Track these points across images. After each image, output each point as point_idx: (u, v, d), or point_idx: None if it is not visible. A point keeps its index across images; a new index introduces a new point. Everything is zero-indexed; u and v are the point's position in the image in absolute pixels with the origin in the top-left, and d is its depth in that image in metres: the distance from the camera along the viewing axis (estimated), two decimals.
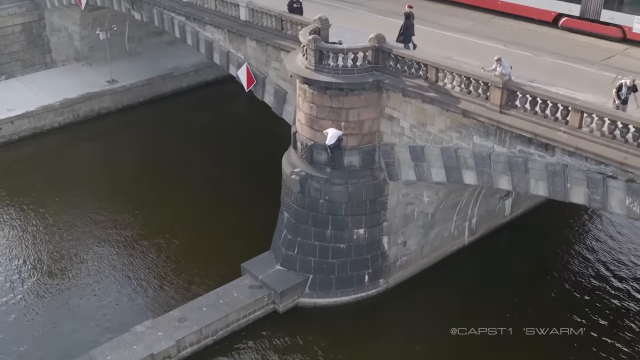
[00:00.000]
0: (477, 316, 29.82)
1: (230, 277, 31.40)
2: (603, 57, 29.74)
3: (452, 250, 34.13)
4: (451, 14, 35.40)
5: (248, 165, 40.64)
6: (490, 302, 30.98)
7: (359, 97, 28.41)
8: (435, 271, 33.39)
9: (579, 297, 31.25)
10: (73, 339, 28.88)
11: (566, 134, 23.29)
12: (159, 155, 43.42)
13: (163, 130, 46.89)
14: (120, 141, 46.33)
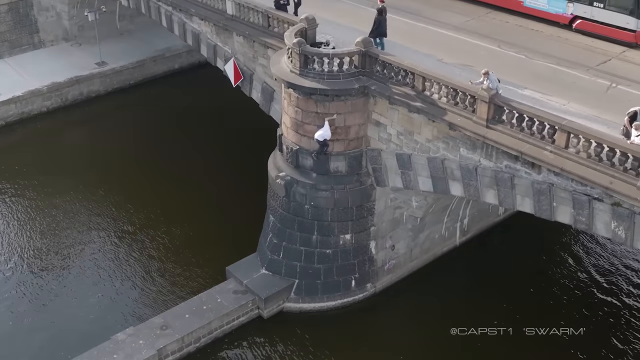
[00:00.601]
0: (469, 317, 30.09)
1: (216, 275, 31.97)
2: (599, 61, 29.35)
3: (442, 252, 34.27)
4: (446, 8, 34.76)
5: (242, 155, 40.47)
6: (483, 303, 31.26)
7: (345, 102, 28.28)
8: (425, 274, 33.63)
9: (578, 297, 31.49)
10: (52, 346, 29.13)
11: (552, 153, 23.16)
12: (148, 143, 43.51)
13: (154, 115, 46.89)
14: (109, 126, 46.39)
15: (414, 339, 30.27)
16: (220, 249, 34.26)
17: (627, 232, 22.28)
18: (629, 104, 25.67)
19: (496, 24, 33.31)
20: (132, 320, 30.50)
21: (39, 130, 45.78)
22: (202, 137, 43.39)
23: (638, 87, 27.37)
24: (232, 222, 35.72)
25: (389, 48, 30.13)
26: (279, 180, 30.08)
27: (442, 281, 32.88)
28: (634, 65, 29.02)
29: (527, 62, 29.63)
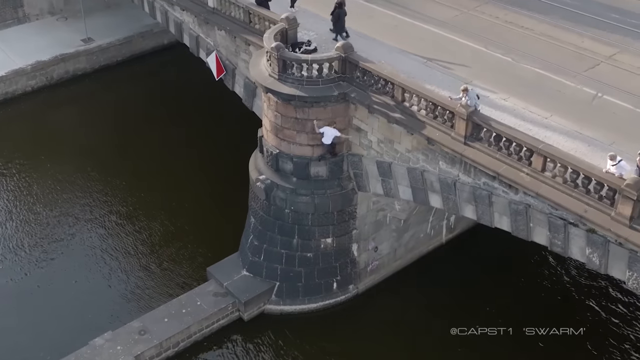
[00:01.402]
0: (455, 315, 30.77)
1: (199, 272, 32.79)
2: (587, 66, 29.21)
3: (428, 250, 34.60)
4: (435, 3, 34.38)
5: (231, 137, 39.95)
6: (469, 302, 31.65)
7: (325, 108, 28.38)
8: (409, 273, 34.00)
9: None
10: (29, 348, 29.80)
11: (529, 176, 23.27)
12: (135, 124, 43.62)
13: (142, 94, 46.84)
14: (95, 106, 46.41)
15: (395, 338, 30.76)
16: (203, 244, 34.78)
17: (602, 260, 22.57)
18: (612, 117, 25.91)
19: (485, 20, 33.02)
20: (111, 320, 30.82)
21: (24, 111, 45.86)
22: (191, 117, 43.27)
23: (624, 97, 27.30)
24: (216, 215, 36.12)
25: (376, 48, 30.30)
26: (259, 183, 30.35)
27: (426, 280, 33.31)
28: (622, 72, 28.86)
29: (513, 66, 29.51)
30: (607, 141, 24.86)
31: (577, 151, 24.43)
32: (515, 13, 33.52)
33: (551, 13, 33.40)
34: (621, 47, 30.63)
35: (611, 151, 23.50)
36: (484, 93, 27.44)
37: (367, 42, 31.27)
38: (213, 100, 42.95)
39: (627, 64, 29.40)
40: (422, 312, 31.43)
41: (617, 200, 21.31)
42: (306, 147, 29.25)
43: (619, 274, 22.51)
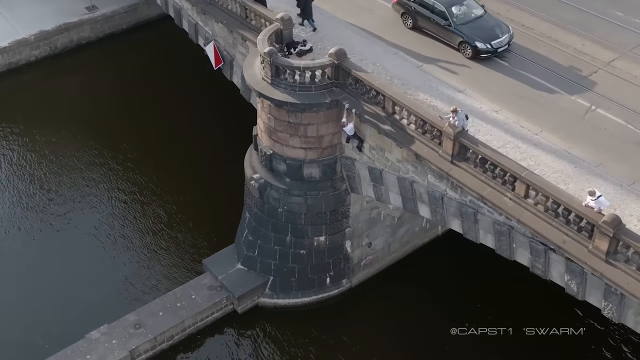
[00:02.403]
0: (450, 305, 31.98)
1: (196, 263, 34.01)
2: (584, 73, 29.48)
3: (423, 243, 35.46)
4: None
5: (235, 111, 39.42)
6: (460, 293, 32.70)
7: (318, 113, 29.01)
8: (403, 266, 34.90)
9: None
10: (27, 337, 31.27)
11: (512, 201, 23.98)
12: (139, 94, 44.38)
13: (147, 63, 47.34)
14: (100, 75, 47.10)
15: (387, 330, 31.96)
16: (203, 230, 36.02)
17: (579, 287, 23.46)
18: (603, 134, 26.38)
19: None
20: (107, 311, 32.05)
21: (28, 81, 46.69)
22: (197, 87, 43.68)
23: (617, 110, 27.65)
24: (216, 200, 37.15)
25: (372, 48, 31.10)
26: (253, 182, 31.27)
27: (421, 272, 34.21)
28: (619, 80, 29.09)
29: (509, 71, 29.88)
30: (595, 162, 25.42)
31: (563, 173, 25.05)
32: (518, 9, 33.62)
33: (555, 10, 33.42)
34: (622, 51, 30.76)
35: (598, 172, 24.15)
36: (476, 105, 27.82)
37: (364, 40, 31.76)
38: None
39: (625, 72, 29.60)
40: (416, 304, 32.44)
41: (594, 234, 22.03)
42: (299, 149, 30.01)
43: (596, 302, 23.38)
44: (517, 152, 25.86)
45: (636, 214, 23.52)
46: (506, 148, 26.03)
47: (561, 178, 24.86)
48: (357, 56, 30.41)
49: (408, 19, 32.23)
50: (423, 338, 31.37)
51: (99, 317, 31.57)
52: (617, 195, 24.18)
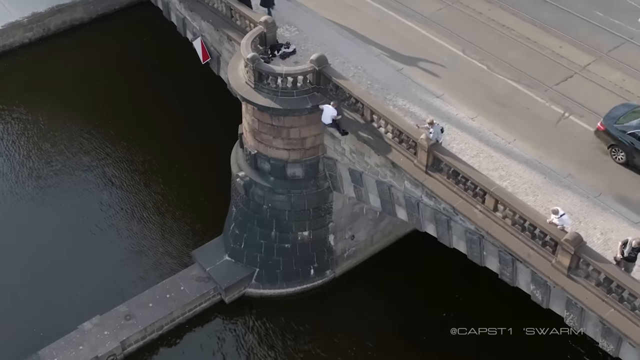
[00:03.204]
0: (423, 296, 33.25)
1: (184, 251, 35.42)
2: (560, 77, 30.16)
3: (406, 233, 36.52)
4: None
5: (225, 103, 39.09)
6: (439, 281, 33.81)
7: (300, 117, 29.88)
8: (386, 255, 36.04)
9: None
10: (20, 327, 32.47)
11: (482, 213, 25.05)
12: (133, 73, 45.00)
13: (141, 43, 47.71)
14: (93, 56, 47.49)
15: (369, 316, 33.27)
16: (191, 219, 37.05)
17: (544, 296, 24.68)
18: (573, 142, 27.28)
19: (467, 16, 33.57)
20: (100, 301, 33.26)
21: (22, 63, 47.28)
22: (189, 73, 43.59)
23: (589, 118, 28.43)
24: (204, 189, 38.14)
25: (354, 50, 31.80)
26: (239, 180, 32.30)
27: (401, 261, 35.35)
28: (593, 86, 29.80)
29: (487, 75, 30.51)
30: (564, 173, 26.39)
31: (532, 184, 26.05)
32: (499, 8, 34.06)
33: (536, 9, 33.88)
34: (598, 54, 31.36)
35: (566, 184, 25.19)
36: (453, 112, 28.68)
37: (347, 42, 32.42)
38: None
39: (600, 77, 30.28)
40: (397, 292, 33.72)
41: (557, 250, 23.13)
42: (282, 150, 30.97)
43: (559, 311, 24.61)
44: (490, 162, 26.74)
45: (600, 227, 24.54)
46: (479, 157, 26.93)
47: (530, 189, 25.81)
48: (340, 59, 31.13)
49: (619, 153, 26.62)
50: (404, 324, 32.63)
51: (91, 308, 32.58)
52: (583, 208, 25.16)
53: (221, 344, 33.02)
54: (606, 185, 26.01)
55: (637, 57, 31.15)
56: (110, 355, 31.53)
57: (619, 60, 31.11)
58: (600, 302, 22.58)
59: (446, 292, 33.28)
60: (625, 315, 22.11)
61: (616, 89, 29.80)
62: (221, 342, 33.12)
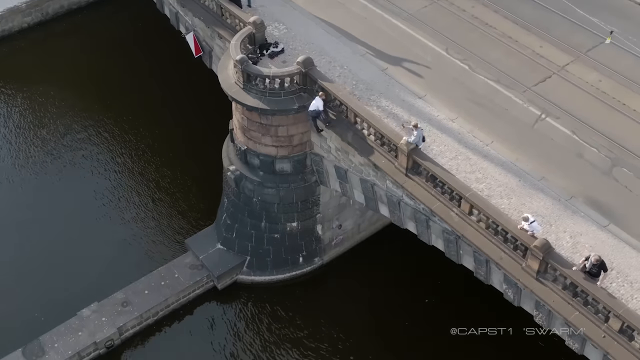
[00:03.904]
0: (409, 279, 34.29)
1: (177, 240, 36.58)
2: (539, 78, 30.75)
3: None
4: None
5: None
6: (424, 266, 34.91)
7: (287, 116, 30.75)
8: (372, 242, 37.16)
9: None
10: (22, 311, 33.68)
11: (458, 216, 26.09)
12: (129, 59, 45.74)
13: (138, 27, 48.26)
14: (91, 40, 48.32)
15: (356, 299, 34.57)
16: (187, 204, 38.22)
17: (515, 296, 25.82)
18: (549, 145, 28.14)
19: (452, 14, 34.04)
20: (98, 288, 34.47)
21: (21, 47, 48.02)
22: (188, 58, 43.51)
23: (565, 120, 29.18)
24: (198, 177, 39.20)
25: (341, 49, 32.31)
26: (230, 173, 33.29)
27: (387, 247, 36.49)
28: (570, 87, 30.46)
29: (468, 75, 31.15)
30: (538, 176, 27.27)
31: (507, 187, 26.97)
32: (482, 5, 34.52)
33: (518, 7, 34.31)
34: (577, 54, 31.93)
35: (539, 187, 26.18)
36: (434, 113, 29.50)
37: (334, 40, 33.00)
38: None
39: (577, 77, 30.91)
40: (382, 276, 34.91)
41: (527, 254, 24.19)
42: (271, 147, 31.90)
43: (529, 310, 25.76)
44: (467, 164, 27.63)
45: (569, 230, 25.53)
46: (458, 160, 27.81)
47: (505, 192, 26.74)
48: (327, 58, 31.82)
49: None
50: (390, 308, 33.85)
51: (89, 295, 33.83)
52: (555, 211, 26.12)
53: (214, 328, 34.28)
54: (577, 189, 26.81)
55: (615, 58, 31.65)
56: (108, 340, 32.67)
57: (596, 60, 31.60)
58: (566, 304, 23.64)
59: (431, 278, 34.28)
60: (588, 318, 23.15)
61: (592, 90, 30.36)
62: (214, 327, 34.37)
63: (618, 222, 25.72)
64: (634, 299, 23.68)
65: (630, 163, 27.63)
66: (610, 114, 29.48)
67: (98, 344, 32.43)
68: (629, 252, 24.92)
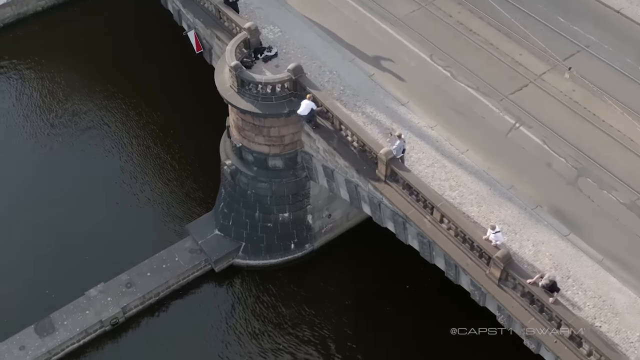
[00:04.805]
0: (395, 264, 35.40)
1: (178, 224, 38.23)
2: (516, 86, 31.69)
3: None
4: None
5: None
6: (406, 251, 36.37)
7: (279, 119, 32.12)
8: (361, 228, 38.64)
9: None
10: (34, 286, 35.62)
11: (430, 223, 27.62)
12: (138, 43, 46.67)
13: (149, 11, 48.29)
14: (103, 23, 49.23)
15: (343, 281, 36.40)
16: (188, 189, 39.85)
17: (481, 297, 27.46)
18: (520, 154, 29.40)
19: (438, 19, 34.78)
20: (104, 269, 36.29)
21: (35, 30, 49.23)
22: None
23: (537, 129, 30.27)
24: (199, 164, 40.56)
25: (332, 54, 33.35)
26: (226, 167, 34.84)
27: (373, 234, 37.76)
28: (545, 96, 31.42)
29: (449, 83, 32.17)
30: (507, 185, 28.60)
31: (478, 195, 28.34)
32: (468, 11, 35.21)
33: (501, 13, 34.74)
34: (554, 63, 32.71)
35: (508, 195, 27.59)
36: (415, 120, 30.72)
37: (325, 44, 34.08)
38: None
39: (552, 87, 31.84)
40: (369, 259, 36.46)
41: (491, 262, 25.75)
42: (264, 146, 33.35)
43: (493, 310, 27.38)
44: (443, 172, 28.97)
45: (532, 239, 26.98)
46: (434, 167, 29.16)
47: (476, 200, 28.11)
48: (317, 62, 32.98)
49: None
50: (376, 290, 35.59)
51: (97, 276, 35.76)
52: (520, 220, 27.51)
53: (211, 307, 36.14)
54: (543, 198, 28.10)
55: (589, 67, 32.45)
56: (113, 319, 34.66)
57: (572, 69, 32.27)
58: (524, 310, 25.22)
59: (416, 262, 35.29)
60: (543, 324, 24.78)
61: (565, 100, 31.33)
62: (211, 305, 36.23)
63: (578, 232, 27.00)
64: (587, 306, 25.16)
65: (595, 174, 28.67)
66: (581, 124, 30.42)
67: (104, 322, 34.40)
68: (585, 261, 26.23)
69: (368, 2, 35.80)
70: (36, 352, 33.15)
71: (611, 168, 28.79)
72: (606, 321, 24.73)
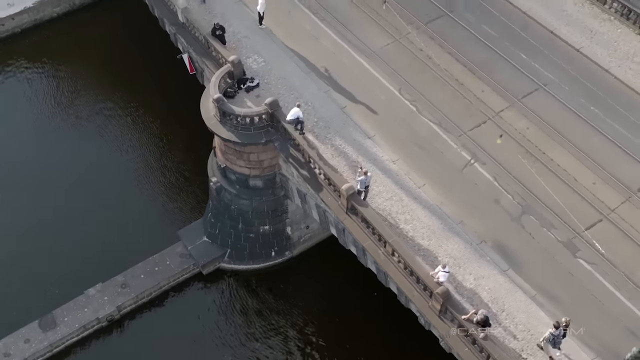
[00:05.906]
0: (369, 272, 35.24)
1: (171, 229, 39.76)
2: (475, 122, 32.83)
3: None
4: (378, 19, 37.36)
5: None
6: None
7: (257, 146, 33.89)
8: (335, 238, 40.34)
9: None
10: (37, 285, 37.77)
11: (384, 255, 29.45)
12: (153, 45, 47.29)
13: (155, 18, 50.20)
14: (114, 30, 50.49)
15: (320, 284, 38.31)
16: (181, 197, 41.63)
17: (427, 323, 29.34)
18: (472, 190, 30.85)
19: (409, 53, 35.84)
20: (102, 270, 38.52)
21: (50, 35, 50.85)
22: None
23: (490, 166, 31.54)
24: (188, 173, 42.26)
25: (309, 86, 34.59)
26: (212, 184, 36.76)
27: None
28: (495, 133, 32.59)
29: (414, 117, 33.43)
30: (457, 220, 30.13)
31: (429, 229, 29.96)
32: (438, 45, 36.25)
33: (468, 49, 35.93)
34: (512, 100, 33.90)
35: (456, 230, 29.24)
36: (379, 154, 32.17)
37: (303, 75, 35.33)
38: None
39: (507, 124, 33.04)
40: (343, 266, 36.73)
41: (433, 296, 27.59)
42: (245, 168, 35.15)
43: (436, 335, 29.28)
44: (399, 206, 30.56)
45: (474, 272, 28.67)
46: (392, 201, 30.76)
47: (427, 234, 29.73)
48: (295, 94, 34.42)
49: None
50: (351, 295, 37.12)
51: (95, 276, 38.02)
52: (465, 254, 29.15)
53: (198, 306, 38.19)
54: (489, 233, 29.62)
55: (545, 105, 33.56)
56: (109, 316, 36.94)
57: (528, 107, 33.54)
58: (459, 341, 27.08)
59: None
60: (475, 355, 26.66)
61: (519, 137, 32.55)
62: (199, 305, 38.28)
63: (516, 268, 28.63)
64: (516, 338, 26.89)
65: (538, 211, 30.11)
66: (530, 162, 31.66)
67: (100, 319, 36.69)
68: (519, 296, 27.91)
69: (347, 34, 36.80)
70: (39, 345, 35.56)
71: (553, 206, 30.03)
72: (532, 354, 26.34)
